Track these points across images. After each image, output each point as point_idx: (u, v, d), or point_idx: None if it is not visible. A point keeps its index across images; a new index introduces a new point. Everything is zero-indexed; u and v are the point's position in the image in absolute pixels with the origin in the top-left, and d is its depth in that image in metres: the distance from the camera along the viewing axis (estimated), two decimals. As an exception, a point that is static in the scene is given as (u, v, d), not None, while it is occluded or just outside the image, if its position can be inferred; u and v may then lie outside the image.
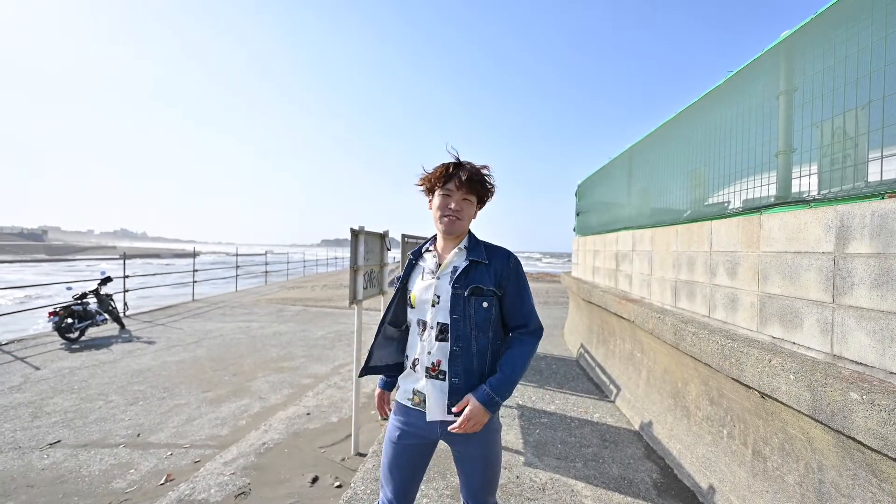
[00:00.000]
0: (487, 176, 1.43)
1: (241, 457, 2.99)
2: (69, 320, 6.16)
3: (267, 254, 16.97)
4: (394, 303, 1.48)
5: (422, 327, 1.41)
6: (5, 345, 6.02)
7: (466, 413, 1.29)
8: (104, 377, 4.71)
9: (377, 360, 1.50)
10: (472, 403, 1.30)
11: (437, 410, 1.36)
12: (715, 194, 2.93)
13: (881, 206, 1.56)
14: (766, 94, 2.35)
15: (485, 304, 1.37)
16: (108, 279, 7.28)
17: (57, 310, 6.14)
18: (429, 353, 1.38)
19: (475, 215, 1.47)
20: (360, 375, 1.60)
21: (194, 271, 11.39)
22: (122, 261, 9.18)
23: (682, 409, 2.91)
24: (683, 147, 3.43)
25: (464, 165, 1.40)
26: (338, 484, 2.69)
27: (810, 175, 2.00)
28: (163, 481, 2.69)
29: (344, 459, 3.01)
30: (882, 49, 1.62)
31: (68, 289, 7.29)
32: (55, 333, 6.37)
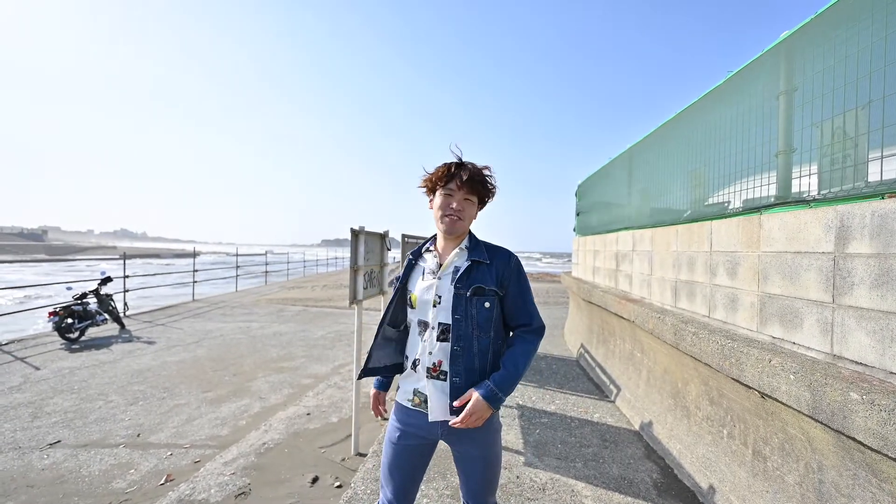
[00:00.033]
0: (489, 176, 1.43)
1: (242, 457, 3.00)
2: (69, 320, 6.16)
3: (267, 254, 16.96)
4: (393, 303, 1.48)
5: (423, 328, 1.41)
6: (5, 345, 6.02)
7: (469, 407, 1.29)
8: (104, 377, 4.71)
9: (376, 362, 1.50)
10: (474, 398, 1.30)
11: (439, 411, 1.36)
12: (715, 194, 2.92)
13: (881, 206, 1.56)
14: (766, 94, 2.35)
15: (486, 304, 1.37)
16: (108, 279, 7.28)
17: (57, 310, 6.14)
18: (430, 353, 1.38)
19: (476, 216, 1.47)
20: (359, 377, 1.60)
21: (194, 271, 11.40)
22: (122, 261, 9.19)
23: (682, 409, 2.91)
24: (683, 147, 3.43)
25: (466, 165, 1.40)
26: (338, 484, 2.69)
27: (810, 175, 2.00)
28: (163, 481, 2.69)
29: (344, 459, 3.01)
30: (882, 49, 1.62)
31: (68, 289, 7.30)
32: (55, 333, 6.37)
